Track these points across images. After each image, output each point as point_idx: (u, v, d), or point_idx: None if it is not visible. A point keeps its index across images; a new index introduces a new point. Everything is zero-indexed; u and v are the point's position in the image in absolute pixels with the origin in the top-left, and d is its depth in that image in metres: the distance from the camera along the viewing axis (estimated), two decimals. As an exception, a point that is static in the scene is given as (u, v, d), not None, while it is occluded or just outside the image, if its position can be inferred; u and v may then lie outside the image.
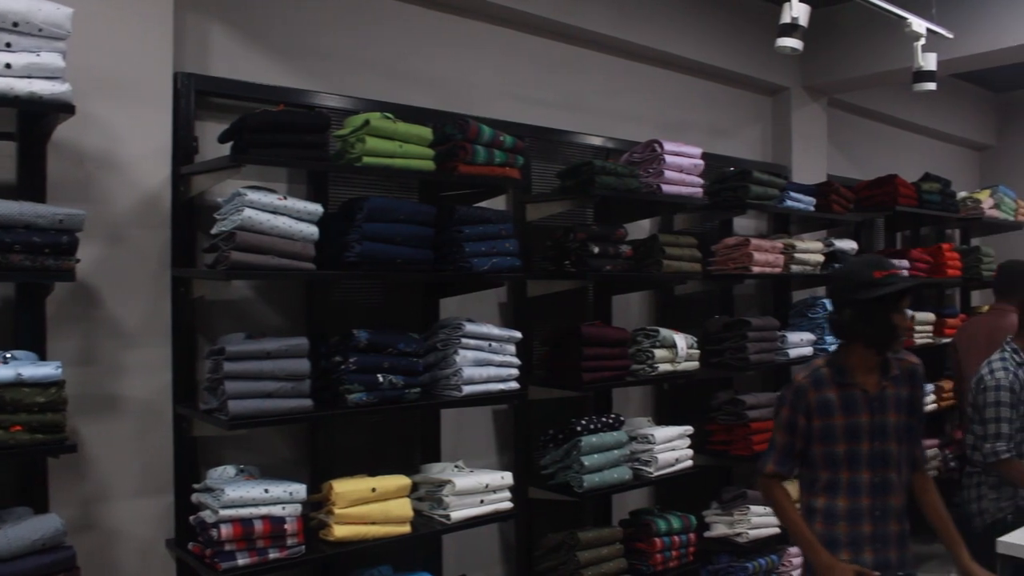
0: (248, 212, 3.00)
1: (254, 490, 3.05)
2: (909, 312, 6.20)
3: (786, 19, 3.80)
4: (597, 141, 4.88)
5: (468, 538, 4.20)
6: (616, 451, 4.19)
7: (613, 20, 4.84)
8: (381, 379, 3.37)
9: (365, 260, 3.30)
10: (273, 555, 3.09)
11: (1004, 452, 3.75)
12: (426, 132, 3.49)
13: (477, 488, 3.62)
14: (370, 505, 3.33)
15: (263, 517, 3.05)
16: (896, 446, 3.03)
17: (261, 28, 3.72)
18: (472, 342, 3.65)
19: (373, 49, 4.06)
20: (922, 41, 4.51)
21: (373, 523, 3.33)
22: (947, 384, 6.73)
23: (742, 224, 5.81)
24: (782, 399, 3.08)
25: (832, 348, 3.36)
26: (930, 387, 6.46)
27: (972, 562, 3.06)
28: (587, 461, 4.04)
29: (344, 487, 3.29)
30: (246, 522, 3.02)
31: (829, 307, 5.23)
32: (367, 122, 3.30)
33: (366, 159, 3.30)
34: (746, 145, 6.04)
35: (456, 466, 3.79)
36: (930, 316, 6.53)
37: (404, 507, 3.41)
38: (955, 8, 5.31)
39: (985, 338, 4.79)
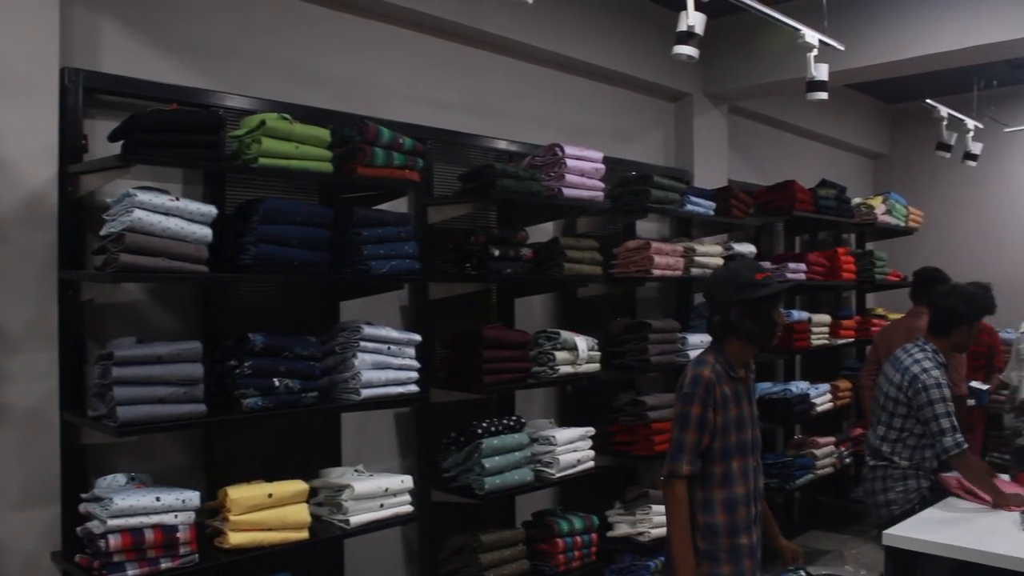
0: (138, 213, 2.92)
1: (145, 498, 2.97)
2: (807, 314, 6.40)
3: (682, 27, 3.87)
4: (501, 144, 4.89)
5: (370, 542, 4.17)
6: (517, 453, 4.21)
7: (518, 24, 4.87)
8: (277, 383, 3.32)
9: (260, 262, 3.25)
10: (165, 565, 3.01)
11: (964, 443, 3.94)
12: (324, 133, 3.46)
13: (377, 492, 3.59)
14: (266, 511, 3.27)
15: (154, 526, 2.97)
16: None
17: (155, 24, 3.62)
18: (371, 345, 3.63)
19: (272, 48, 4.00)
20: (814, 52, 4.63)
21: (270, 529, 3.28)
22: (843, 384, 6.95)
23: (645, 228, 5.90)
24: (691, 397, 3.08)
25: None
26: (826, 387, 6.67)
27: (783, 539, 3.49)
28: (488, 463, 4.05)
29: (240, 493, 3.23)
30: (136, 531, 2.93)
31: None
32: (263, 123, 3.25)
33: (262, 160, 3.25)
34: (649, 150, 6.14)
35: (356, 470, 3.76)
36: (826, 318, 6.73)
37: (301, 513, 3.37)
38: (847, 22, 5.49)
39: (903, 339, 5.01)
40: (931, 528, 3.62)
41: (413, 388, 3.80)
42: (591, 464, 4.60)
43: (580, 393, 5.31)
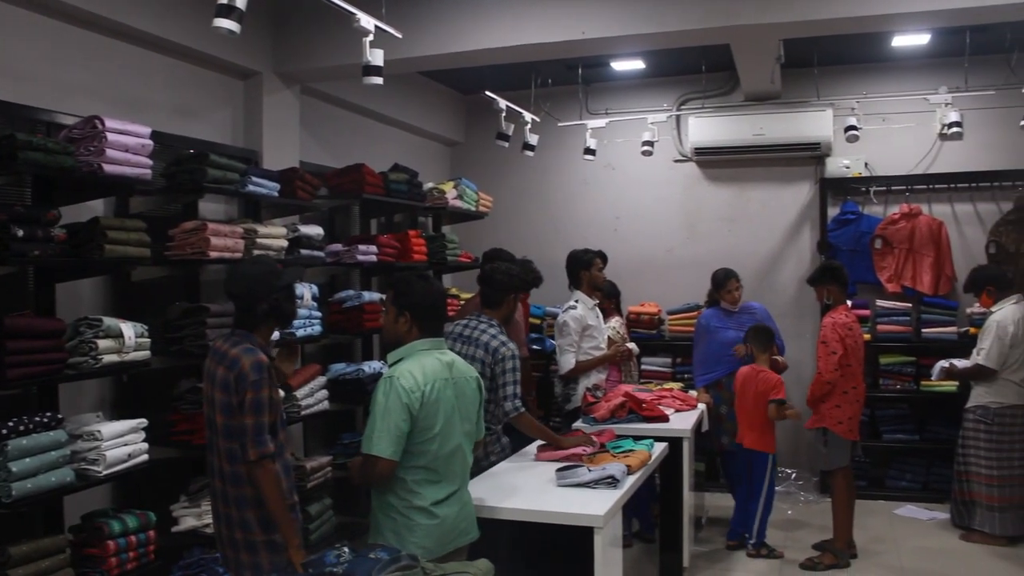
0: None
1: None
2: (378, 295, 6.55)
3: (223, 0, 3.74)
4: (42, 115, 4.44)
5: None
6: (54, 452, 3.84)
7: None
8: None
9: None
10: None
11: (523, 407, 4.43)
12: None
13: None
14: None
15: None
16: None
17: None
18: None
19: None
20: (370, 37, 4.68)
21: None
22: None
23: (211, 209, 5.68)
24: (261, 383, 3.42)
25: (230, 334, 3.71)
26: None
27: None
28: (16, 467, 3.64)
29: None
30: None
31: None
32: None
33: None
34: (216, 128, 5.91)
35: None
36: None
37: None
38: (407, 11, 5.66)
39: None
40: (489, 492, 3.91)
41: (-88, 389, 3.33)
42: (145, 457, 4.34)
43: (138, 382, 5.00)
